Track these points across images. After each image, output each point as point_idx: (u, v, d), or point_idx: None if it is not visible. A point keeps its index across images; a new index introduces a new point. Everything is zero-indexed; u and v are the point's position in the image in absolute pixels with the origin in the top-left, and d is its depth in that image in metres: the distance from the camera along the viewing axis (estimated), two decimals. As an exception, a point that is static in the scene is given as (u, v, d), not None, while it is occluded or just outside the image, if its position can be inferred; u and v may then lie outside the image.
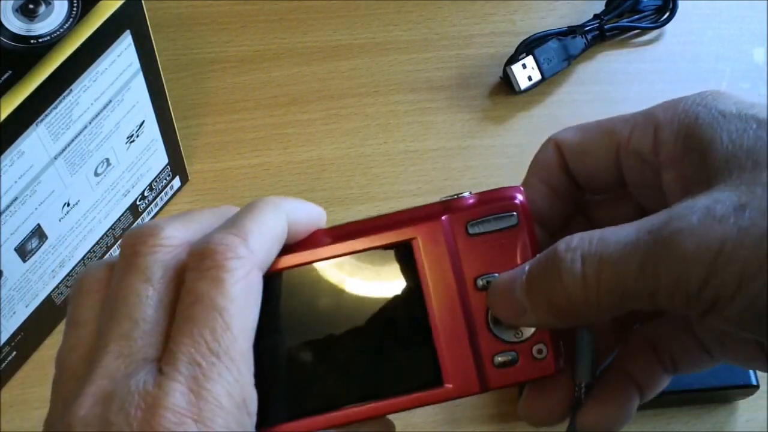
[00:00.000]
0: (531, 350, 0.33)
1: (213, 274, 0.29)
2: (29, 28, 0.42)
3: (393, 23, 0.68)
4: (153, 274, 0.29)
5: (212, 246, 0.29)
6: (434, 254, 0.33)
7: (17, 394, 0.54)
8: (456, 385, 0.33)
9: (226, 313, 0.28)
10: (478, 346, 0.33)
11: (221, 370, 0.28)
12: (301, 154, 0.63)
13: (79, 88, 0.44)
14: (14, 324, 0.52)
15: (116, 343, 0.28)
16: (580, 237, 0.30)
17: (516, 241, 0.33)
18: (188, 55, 0.65)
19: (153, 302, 0.29)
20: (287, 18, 0.67)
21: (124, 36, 0.45)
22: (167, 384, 0.27)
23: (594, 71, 0.67)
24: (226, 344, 0.28)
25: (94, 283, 0.31)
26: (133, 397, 0.27)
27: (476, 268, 0.33)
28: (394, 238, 0.33)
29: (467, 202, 0.34)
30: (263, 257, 0.30)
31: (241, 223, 0.30)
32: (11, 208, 0.45)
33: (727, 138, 0.30)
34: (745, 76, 0.68)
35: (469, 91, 0.65)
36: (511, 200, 0.34)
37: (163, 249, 0.30)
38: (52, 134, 0.44)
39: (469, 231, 0.33)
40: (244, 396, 0.28)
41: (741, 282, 0.27)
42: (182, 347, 0.28)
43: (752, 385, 0.53)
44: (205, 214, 0.32)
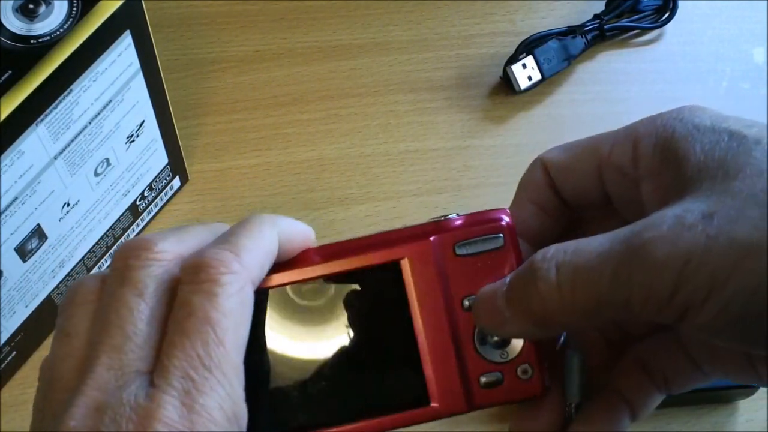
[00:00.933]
0: (516, 371, 0.33)
1: (207, 288, 0.29)
2: (29, 28, 0.42)
3: (393, 23, 0.68)
4: (145, 287, 0.30)
5: (207, 260, 0.29)
6: (422, 274, 0.34)
7: (17, 394, 0.54)
8: (442, 405, 0.33)
9: (219, 328, 0.28)
10: (464, 365, 0.33)
11: (213, 384, 0.28)
12: (301, 154, 0.63)
13: (79, 88, 0.44)
14: (14, 324, 0.52)
15: (108, 356, 0.29)
16: (556, 248, 0.30)
17: (502, 262, 0.34)
18: (188, 55, 0.65)
19: (145, 316, 0.29)
20: (287, 18, 0.67)
21: (124, 36, 0.45)
22: (160, 397, 0.27)
23: (594, 71, 0.67)
24: (218, 358, 0.28)
25: (86, 294, 0.31)
26: (125, 410, 0.27)
27: (463, 288, 0.34)
28: (383, 258, 0.34)
29: (455, 223, 0.34)
30: (256, 273, 0.31)
31: (236, 238, 0.31)
32: (11, 208, 0.45)
33: (700, 150, 0.30)
34: (745, 76, 0.68)
35: (469, 91, 0.65)
36: (498, 222, 0.34)
37: (156, 263, 0.30)
38: (52, 134, 0.44)
39: (456, 252, 0.34)
40: (236, 410, 0.28)
41: (711, 289, 0.27)
42: (175, 361, 0.28)
43: (752, 386, 0.53)
44: (197, 229, 0.32)
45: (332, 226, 0.60)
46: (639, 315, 0.29)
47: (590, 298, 0.29)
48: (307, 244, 0.34)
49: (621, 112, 0.65)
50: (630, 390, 0.34)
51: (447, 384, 0.33)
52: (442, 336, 0.33)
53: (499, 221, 0.34)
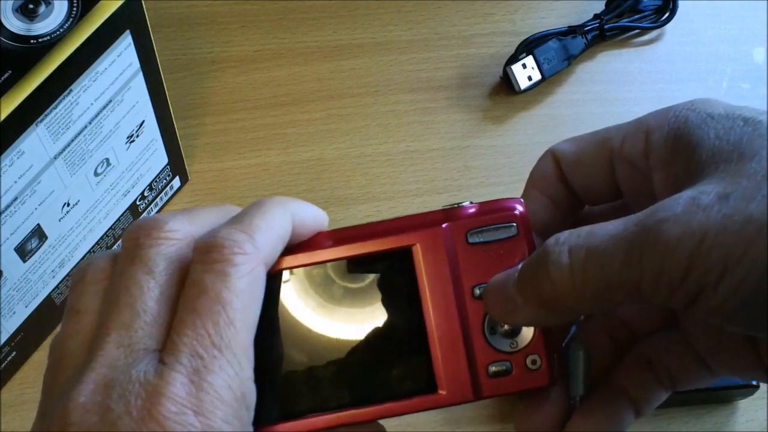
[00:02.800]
0: (525, 361, 0.33)
1: (219, 268, 0.29)
2: (29, 28, 0.42)
3: (393, 23, 0.68)
4: (156, 266, 0.30)
5: (219, 240, 0.29)
6: (433, 261, 0.34)
7: (17, 394, 0.54)
8: (449, 393, 0.33)
9: (230, 307, 0.28)
10: (473, 354, 0.33)
11: (222, 363, 0.28)
12: (301, 154, 0.63)
13: (79, 88, 0.44)
14: (14, 324, 0.52)
15: (117, 332, 0.29)
16: (569, 232, 0.30)
17: (515, 251, 0.34)
18: (188, 55, 0.65)
19: (155, 294, 0.29)
20: (287, 18, 0.67)
21: (124, 36, 0.45)
22: (168, 374, 0.27)
23: (594, 71, 0.67)
24: (228, 338, 0.28)
25: (97, 273, 0.31)
26: (133, 386, 0.27)
27: (474, 277, 0.34)
28: (394, 243, 0.34)
29: (468, 211, 0.34)
30: (269, 254, 0.31)
31: (249, 219, 0.31)
32: (11, 208, 0.45)
33: (714, 135, 0.30)
34: (745, 76, 0.68)
35: (469, 91, 0.65)
36: (511, 211, 0.34)
37: (166, 242, 0.30)
38: (52, 134, 0.44)
39: (468, 240, 0.34)
40: (244, 390, 0.29)
41: (725, 268, 0.27)
42: (185, 338, 0.28)
43: (752, 385, 0.53)
44: (209, 211, 0.32)
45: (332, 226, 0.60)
46: (650, 298, 0.28)
47: (601, 280, 0.29)
48: (319, 228, 0.34)
49: (621, 112, 0.65)
50: (634, 386, 0.34)
51: (455, 372, 0.33)
52: (451, 324, 0.33)
53: (513, 210, 0.34)
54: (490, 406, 0.55)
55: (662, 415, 0.56)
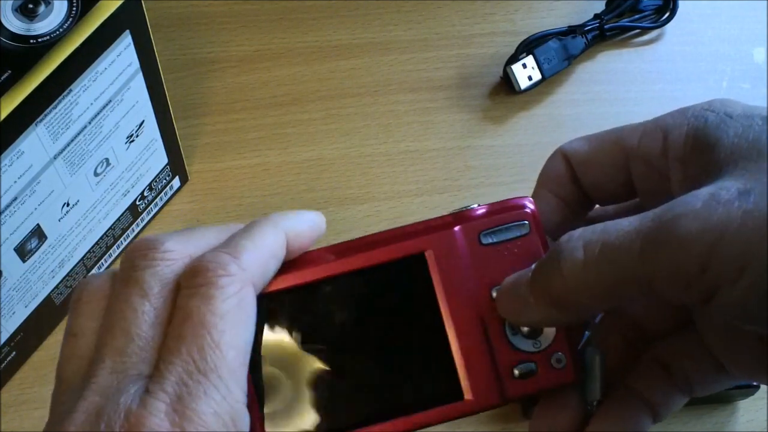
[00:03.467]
0: (549, 359, 0.33)
1: (203, 292, 0.29)
2: (29, 28, 0.42)
3: (393, 23, 0.68)
4: (150, 288, 0.29)
5: (203, 264, 0.29)
6: (448, 265, 0.33)
7: (17, 394, 0.54)
8: (476, 398, 0.33)
9: (214, 330, 0.28)
10: (496, 357, 0.33)
11: (207, 388, 0.28)
12: (301, 154, 0.63)
13: (78, 88, 0.44)
14: (14, 324, 0.52)
15: (111, 358, 0.29)
16: (583, 228, 0.30)
17: (529, 249, 0.33)
18: (188, 55, 0.65)
19: (149, 317, 0.29)
20: (287, 18, 0.67)
21: (123, 36, 0.45)
22: (152, 403, 0.27)
23: (594, 71, 0.67)
24: (213, 362, 0.28)
25: (94, 293, 0.31)
26: (119, 417, 0.27)
27: (491, 278, 0.33)
28: (406, 250, 0.33)
29: (478, 212, 0.34)
30: (257, 274, 0.30)
31: (235, 241, 0.30)
32: (11, 208, 0.45)
33: (733, 134, 0.30)
34: (745, 76, 0.68)
35: (469, 91, 0.65)
36: (522, 209, 0.34)
37: (162, 263, 0.30)
38: (52, 134, 0.44)
39: (482, 241, 0.33)
40: (233, 415, 0.28)
41: (744, 264, 0.26)
42: (170, 366, 0.28)
43: (752, 386, 0.53)
44: (207, 230, 0.32)
45: (332, 226, 0.60)
46: (665, 294, 0.28)
47: (615, 275, 0.29)
48: (318, 233, 0.33)
49: (621, 112, 0.65)
50: (651, 391, 0.34)
51: (480, 377, 0.33)
52: (472, 328, 0.33)
53: (524, 208, 0.34)
54: (490, 406, 0.55)
55: (662, 416, 0.56)
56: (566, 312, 0.31)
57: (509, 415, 0.55)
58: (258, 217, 0.32)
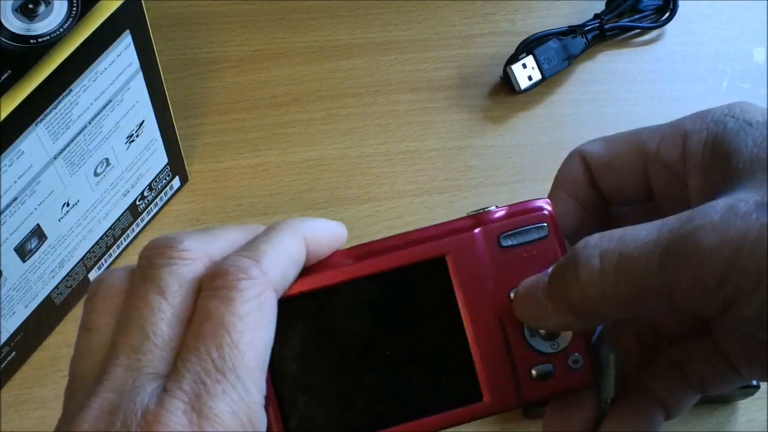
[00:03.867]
0: (567, 361, 0.33)
1: (223, 294, 0.29)
2: (29, 28, 0.42)
3: (393, 23, 0.68)
4: (168, 286, 0.29)
5: (225, 267, 0.29)
6: (468, 268, 0.33)
7: (17, 394, 0.54)
8: (494, 400, 0.33)
9: (234, 331, 0.28)
10: (514, 359, 0.33)
11: (225, 387, 0.28)
12: (301, 154, 0.63)
13: (78, 88, 0.44)
14: (14, 324, 0.52)
15: (126, 356, 0.28)
16: (599, 235, 0.30)
17: (547, 251, 0.34)
18: (188, 55, 0.65)
19: (166, 316, 0.29)
20: (287, 18, 0.67)
21: (123, 36, 0.45)
22: (169, 402, 0.27)
23: (594, 71, 0.67)
24: (232, 362, 0.28)
25: (110, 289, 0.31)
26: (135, 415, 0.27)
27: (510, 280, 0.33)
28: (426, 254, 0.33)
29: (497, 214, 0.34)
30: (278, 278, 0.30)
31: (256, 245, 0.30)
32: (11, 208, 0.45)
33: (752, 143, 0.30)
34: (745, 76, 0.68)
35: (469, 91, 0.65)
36: (541, 211, 0.34)
37: (180, 261, 0.30)
38: (52, 134, 0.44)
39: (501, 243, 0.33)
40: (251, 415, 0.28)
41: (760, 277, 0.26)
42: (188, 365, 0.28)
43: (752, 386, 0.53)
44: (228, 231, 0.32)
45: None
46: (682, 306, 0.28)
47: (633, 286, 0.29)
48: (337, 244, 0.33)
49: (621, 112, 0.65)
50: (664, 390, 0.34)
51: (497, 379, 0.33)
52: (490, 330, 0.33)
53: (542, 210, 0.34)
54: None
55: (662, 416, 0.56)
56: (583, 319, 0.31)
57: (509, 414, 0.55)
58: (278, 221, 0.32)
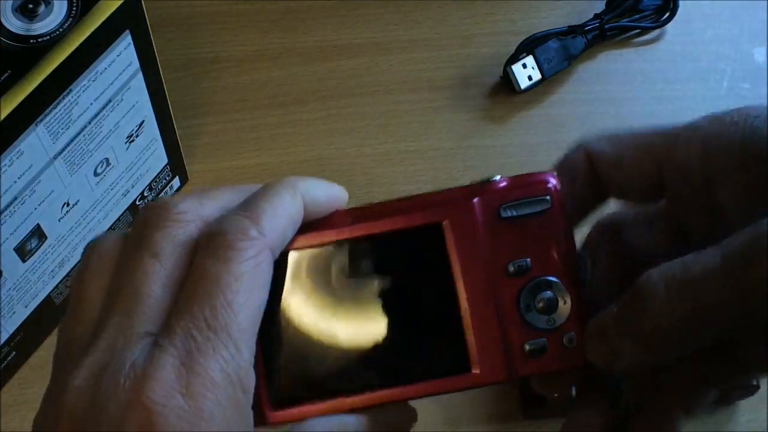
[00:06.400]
0: (562, 339, 0.32)
1: (221, 253, 0.28)
2: (29, 28, 0.42)
3: (393, 23, 0.68)
4: (161, 249, 0.29)
5: (224, 227, 0.29)
6: (465, 237, 0.32)
7: (17, 394, 0.54)
8: (483, 372, 0.32)
9: (228, 291, 0.28)
10: (507, 332, 0.32)
11: (217, 345, 0.27)
12: (301, 154, 0.63)
13: (78, 88, 0.44)
14: (14, 324, 0.51)
15: (119, 317, 0.28)
16: (659, 269, 0.29)
17: (549, 225, 0.33)
18: (188, 55, 0.65)
19: (160, 278, 0.29)
20: (287, 18, 0.67)
21: (123, 36, 0.45)
22: (159, 357, 0.27)
23: (594, 71, 0.67)
24: (224, 321, 0.28)
25: (104, 255, 0.30)
26: (124, 369, 0.27)
27: (508, 253, 0.33)
28: (423, 219, 0.33)
29: (499, 185, 0.33)
30: (275, 239, 0.30)
31: (254, 205, 0.30)
32: (10, 208, 0.45)
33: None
34: (746, 76, 0.68)
35: (469, 91, 0.65)
36: (545, 184, 0.33)
37: (175, 224, 0.30)
38: (52, 134, 0.44)
39: (501, 214, 0.33)
40: (240, 375, 0.28)
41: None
42: (181, 322, 0.28)
43: (752, 386, 0.53)
44: (223, 192, 0.32)
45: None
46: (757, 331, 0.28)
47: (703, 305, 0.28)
48: (336, 205, 0.33)
49: (621, 112, 0.65)
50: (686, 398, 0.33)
51: (489, 351, 0.32)
52: (484, 301, 0.32)
53: (546, 183, 0.33)
54: (490, 405, 0.55)
55: (662, 416, 0.56)
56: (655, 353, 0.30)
57: (509, 415, 0.55)
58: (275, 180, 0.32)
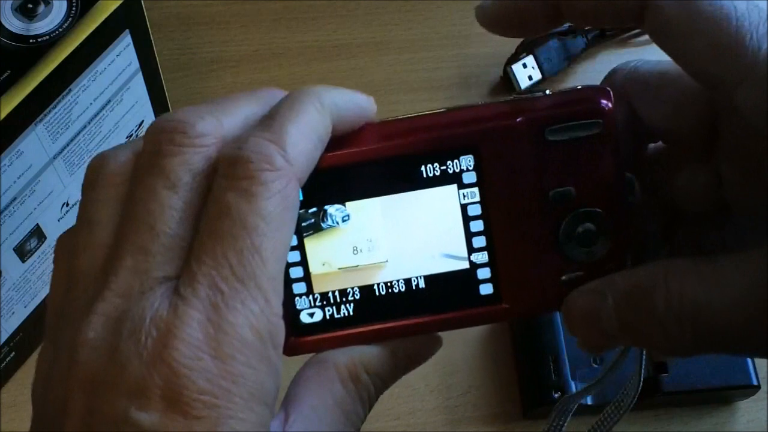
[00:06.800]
0: (601, 273, 0.30)
1: (245, 186, 0.25)
2: (28, 28, 0.42)
3: (393, 23, 0.68)
4: (179, 179, 0.26)
5: (246, 154, 0.25)
6: (505, 160, 0.30)
7: (16, 394, 0.54)
8: (516, 304, 0.31)
9: (255, 234, 0.25)
10: (544, 263, 0.30)
11: (245, 298, 0.24)
12: (301, 154, 0.62)
13: (78, 88, 0.44)
14: (13, 324, 0.51)
15: (133, 256, 0.25)
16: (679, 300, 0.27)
17: (598, 152, 0.30)
18: (187, 55, 0.65)
19: (177, 212, 0.25)
20: (286, 17, 0.67)
21: (123, 35, 0.45)
22: (184, 311, 0.24)
23: (594, 71, 0.67)
24: (252, 269, 0.25)
25: (112, 176, 0.27)
26: (144, 322, 0.24)
27: (552, 178, 0.30)
28: (460, 139, 0.30)
29: (547, 103, 0.30)
30: (303, 167, 0.27)
31: (280, 125, 0.26)
32: (10, 208, 0.45)
33: None
34: (746, 75, 0.68)
35: (469, 91, 0.65)
36: (598, 104, 0.30)
37: (192, 149, 0.26)
38: (51, 134, 0.44)
39: (547, 137, 0.30)
40: (270, 329, 0.25)
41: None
42: (203, 268, 0.25)
43: (753, 386, 0.53)
44: (243, 101, 0.28)
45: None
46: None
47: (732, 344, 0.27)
48: (365, 118, 0.30)
49: (621, 111, 0.65)
50: None
51: (523, 282, 0.30)
52: (521, 230, 0.30)
53: (599, 104, 0.30)
54: (492, 406, 0.55)
55: (663, 416, 0.56)
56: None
57: (509, 415, 0.55)
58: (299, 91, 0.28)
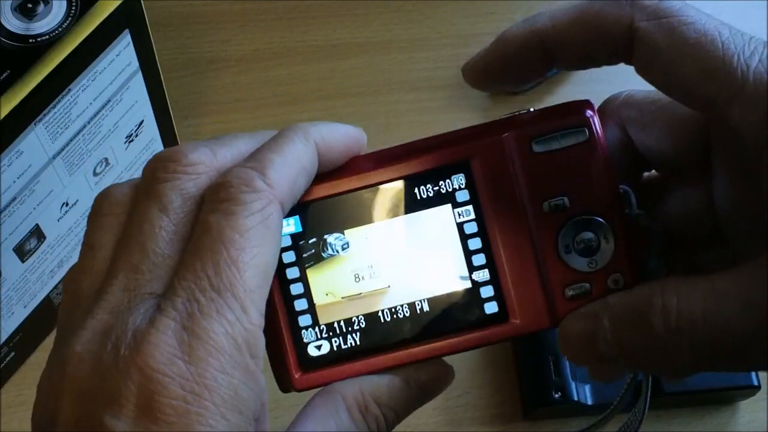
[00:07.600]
0: (606, 281, 0.30)
1: (225, 207, 0.27)
2: (28, 28, 0.42)
3: (393, 22, 0.68)
4: (170, 202, 0.28)
5: (228, 179, 0.27)
6: (496, 175, 0.30)
7: (16, 394, 0.54)
8: (523, 321, 0.30)
9: (232, 247, 0.26)
10: (547, 276, 0.30)
11: (220, 306, 0.26)
12: (301, 154, 0.62)
13: (77, 88, 0.44)
14: (13, 325, 0.51)
15: (125, 275, 0.27)
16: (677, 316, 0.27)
17: (587, 158, 0.30)
18: (187, 55, 0.65)
19: (167, 233, 0.27)
20: (287, 17, 0.67)
21: (123, 35, 0.45)
22: (160, 320, 0.26)
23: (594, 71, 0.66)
24: (229, 279, 0.26)
25: (114, 205, 0.29)
26: (126, 335, 0.26)
27: (544, 190, 0.30)
28: (450, 158, 0.30)
29: (532, 117, 0.31)
30: (285, 190, 0.28)
31: (262, 155, 0.28)
32: (9, 208, 0.45)
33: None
34: (746, 75, 0.68)
35: (469, 91, 0.65)
36: (581, 114, 0.31)
37: (184, 176, 0.28)
38: (51, 134, 0.44)
39: (534, 149, 0.30)
40: (247, 338, 0.26)
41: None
42: (183, 282, 0.26)
43: (753, 386, 0.53)
44: (239, 138, 0.30)
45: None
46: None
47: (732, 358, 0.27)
48: (355, 149, 0.31)
49: (621, 111, 0.65)
50: None
51: (528, 298, 0.30)
52: (521, 243, 0.30)
53: (582, 113, 0.30)
54: (492, 406, 0.55)
55: (663, 416, 0.56)
56: None
57: (509, 415, 0.55)
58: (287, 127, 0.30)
